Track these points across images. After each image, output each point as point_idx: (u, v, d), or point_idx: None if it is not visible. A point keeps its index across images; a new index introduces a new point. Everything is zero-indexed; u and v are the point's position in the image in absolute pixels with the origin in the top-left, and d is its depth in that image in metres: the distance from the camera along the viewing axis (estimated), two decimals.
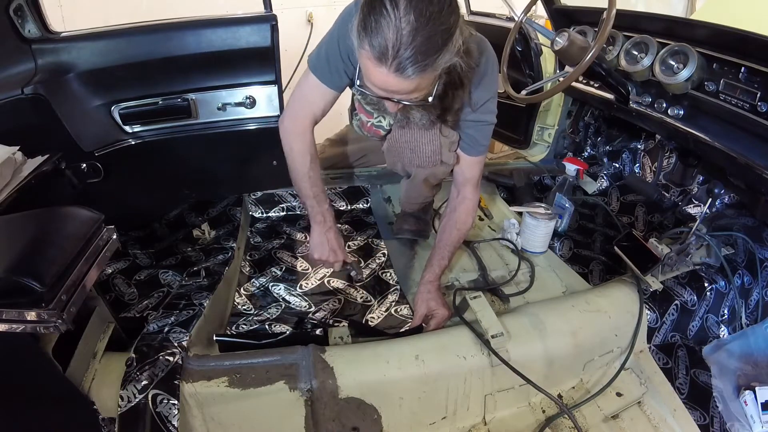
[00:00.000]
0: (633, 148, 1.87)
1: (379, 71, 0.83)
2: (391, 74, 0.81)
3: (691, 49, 1.28)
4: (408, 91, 0.87)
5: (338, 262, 1.26)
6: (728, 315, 1.30)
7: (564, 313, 1.15)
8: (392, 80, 0.83)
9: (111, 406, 0.91)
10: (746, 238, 1.32)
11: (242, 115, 1.54)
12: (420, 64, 0.80)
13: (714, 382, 1.15)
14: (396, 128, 1.27)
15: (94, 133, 1.40)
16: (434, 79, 0.91)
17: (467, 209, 1.27)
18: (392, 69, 0.80)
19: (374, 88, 0.90)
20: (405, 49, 0.78)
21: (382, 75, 0.83)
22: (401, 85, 0.85)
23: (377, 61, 0.81)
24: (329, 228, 1.24)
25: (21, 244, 0.80)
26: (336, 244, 1.25)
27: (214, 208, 1.70)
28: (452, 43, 0.83)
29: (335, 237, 1.25)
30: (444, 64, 0.85)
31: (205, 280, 1.29)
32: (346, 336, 1.12)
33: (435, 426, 1.07)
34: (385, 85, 0.86)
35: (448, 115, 1.14)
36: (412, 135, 1.23)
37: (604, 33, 1.21)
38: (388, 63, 0.80)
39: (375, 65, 0.82)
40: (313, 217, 1.25)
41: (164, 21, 1.41)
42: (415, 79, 0.83)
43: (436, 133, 1.20)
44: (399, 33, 0.77)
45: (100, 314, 1.01)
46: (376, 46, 0.79)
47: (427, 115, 1.12)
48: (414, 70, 0.80)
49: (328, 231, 1.24)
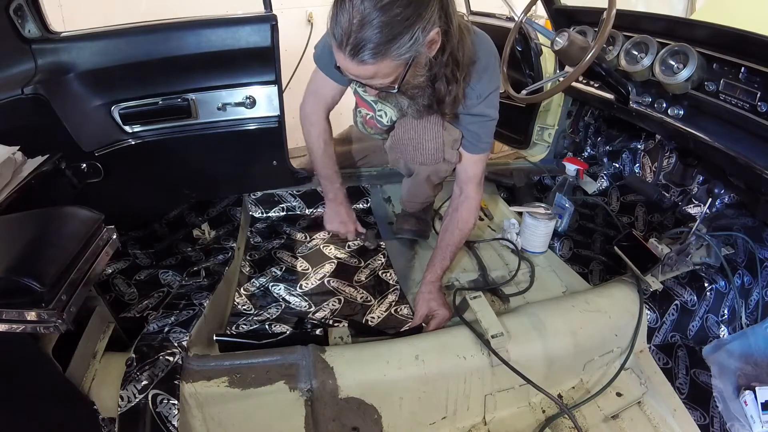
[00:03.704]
0: (633, 148, 1.87)
1: (339, 56, 0.91)
2: (347, 59, 0.89)
3: (691, 49, 1.28)
4: (368, 77, 0.93)
5: (350, 232, 1.44)
6: (728, 315, 1.30)
7: (564, 313, 1.15)
8: (349, 65, 0.90)
9: (111, 406, 0.91)
10: (746, 238, 1.32)
11: (242, 115, 1.54)
12: (371, 51, 0.86)
13: (714, 382, 1.15)
14: (399, 125, 1.28)
15: (94, 133, 1.40)
16: (397, 68, 0.93)
17: (469, 208, 1.28)
18: (348, 54, 0.88)
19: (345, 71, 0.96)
20: (356, 36, 0.85)
21: (341, 60, 0.91)
22: (359, 70, 0.91)
23: (337, 48, 0.90)
24: (340, 203, 1.44)
25: (21, 244, 0.80)
26: (346, 216, 1.44)
27: (214, 208, 1.70)
28: (411, 34, 0.87)
29: (346, 211, 1.44)
30: (404, 54, 0.89)
31: (205, 280, 1.29)
32: (346, 336, 1.12)
33: (435, 426, 1.07)
34: (347, 70, 0.93)
35: (444, 108, 1.14)
36: (415, 132, 1.23)
37: (604, 33, 1.21)
38: (344, 48, 0.88)
39: (336, 51, 0.91)
40: (326, 194, 1.46)
41: (164, 21, 1.41)
42: (371, 65, 0.89)
43: (439, 130, 1.21)
44: (351, 21, 0.84)
45: (100, 314, 1.01)
46: (335, 34, 0.88)
47: (413, 104, 1.14)
48: (367, 56, 0.87)
49: (339, 206, 1.43)
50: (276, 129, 1.57)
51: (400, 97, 1.12)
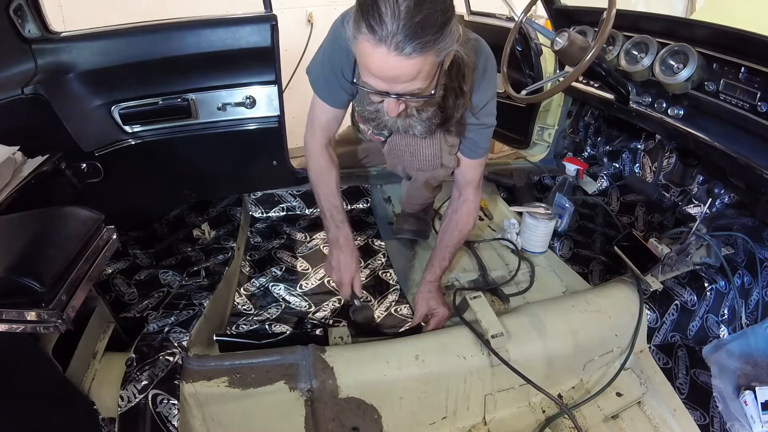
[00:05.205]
0: (633, 148, 1.87)
1: (377, 53, 0.80)
2: (391, 54, 0.79)
3: (691, 49, 1.28)
4: (410, 77, 0.83)
5: (345, 294, 1.24)
6: (728, 315, 1.30)
7: (564, 313, 1.15)
8: (392, 61, 0.80)
9: (111, 406, 0.91)
10: (746, 238, 1.32)
11: (242, 115, 1.54)
12: (420, 41, 0.77)
13: (714, 382, 1.15)
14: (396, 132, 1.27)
15: (94, 133, 1.40)
16: (436, 67, 0.86)
17: (468, 211, 1.27)
18: (392, 47, 0.78)
19: (373, 80, 0.86)
20: (404, 25, 0.76)
21: (381, 56, 0.80)
22: (402, 67, 0.81)
23: (376, 42, 0.79)
24: (339, 248, 1.22)
25: (21, 244, 0.80)
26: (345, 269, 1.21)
27: (214, 208, 1.70)
28: (451, 26, 0.81)
29: (344, 260, 1.21)
30: (446, 49, 0.83)
31: (205, 280, 1.29)
32: (346, 336, 1.12)
33: (435, 426, 1.07)
34: (385, 69, 0.82)
35: (451, 125, 1.12)
36: (412, 138, 1.23)
37: (604, 33, 1.21)
38: (387, 41, 0.78)
39: (374, 46, 0.80)
40: (327, 237, 1.27)
41: (164, 21, 1.41)
42: (416, 60, 0.80)
43: (436, 136, 1.20)
44: (397, 10, 0.76)
45: (100, 314, 1.01)
46: (374, 25, 0.77)
47: (428, 127, 1.08)
48: (413, 48, 0.78)
49: (341, 253, 1.22)
50: (276, 129, 1.57)
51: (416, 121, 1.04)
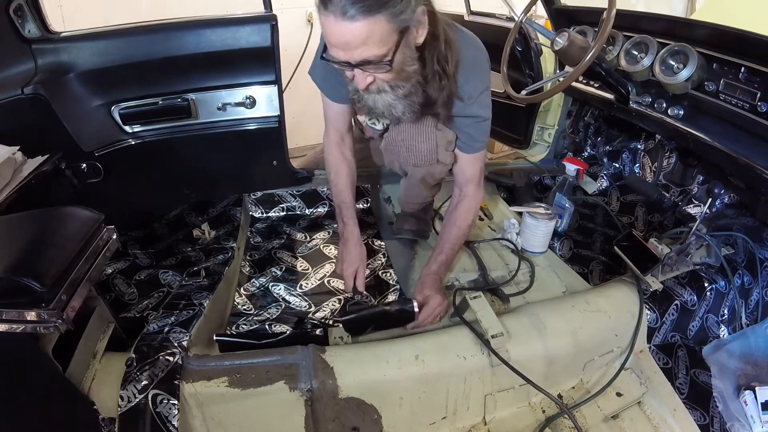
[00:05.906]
0: (633, 148, 1.87)
1: (328, 21, 0.85)
2: (338, 19, 0.83)
3: (691, 49, 1.28)
4: (360, 41, 0.86)
5: (348, 283, 1.28)
6: (728, 315, 1.30)
7: (564, 313, 1.15)
8: (340, 26, 0.84)
9: (111, 406, 0.91)
10: (746, 238, 1.32)
11: (242, 115, 1.54)
12: (363, 4, 0.81)
13: (714, 382, 1.15)
14: (392, 127, 1.28)
15: (94, 133, 1.40)
16: (393, 36, 0.89)
17: (468, 206, 1.28)
18: (338, 13, 0.82)
19: (334, 51, 0.90)
20: None
21: (330, 24, 0.85)
22: (351, 31, 0.84)
23: (325, 11, 0.84)
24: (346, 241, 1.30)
25: (21, 244, 0.80)
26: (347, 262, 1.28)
27: (214, 208, 1.70)
28: None
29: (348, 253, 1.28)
30: (398, 16, 0.86)
31: (205, 280, 1.29)
32: (346, 336, 1.12)
33: (435, 426, 1.07)
34: (336, 35, 0.86)
35: (438, 108, 1.12)
36: (408, 133, 1.23)
37: (604, 33, 1.21)
38: (335, 9, 0.82)
39: (325, 16, 0.84)
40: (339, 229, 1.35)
41: (164, 21, 1.41)
42: (362, 23, 0.83)
43: (432, 131, 1.21)
44: None
45: (100, 314, 1.01)
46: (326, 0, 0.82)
47: (409, 107, 1.07)
48: (357, 10, 0.81)
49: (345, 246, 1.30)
50: (276, 129, 1.57)
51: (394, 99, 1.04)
